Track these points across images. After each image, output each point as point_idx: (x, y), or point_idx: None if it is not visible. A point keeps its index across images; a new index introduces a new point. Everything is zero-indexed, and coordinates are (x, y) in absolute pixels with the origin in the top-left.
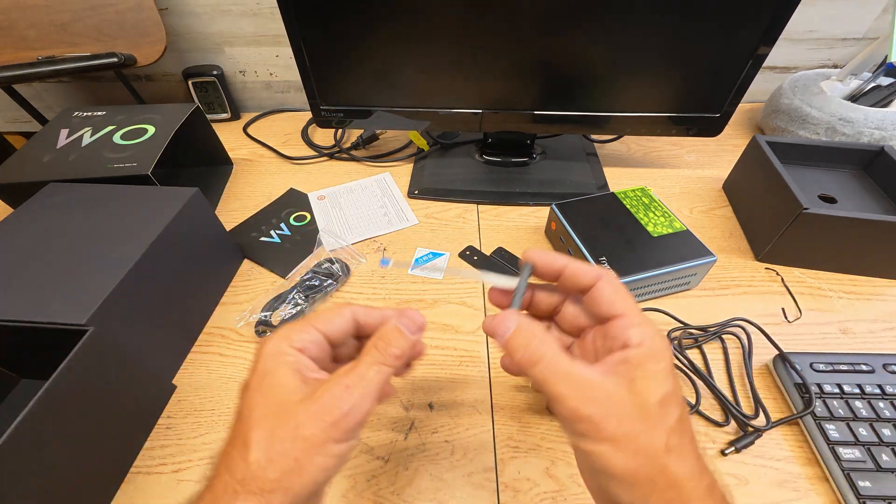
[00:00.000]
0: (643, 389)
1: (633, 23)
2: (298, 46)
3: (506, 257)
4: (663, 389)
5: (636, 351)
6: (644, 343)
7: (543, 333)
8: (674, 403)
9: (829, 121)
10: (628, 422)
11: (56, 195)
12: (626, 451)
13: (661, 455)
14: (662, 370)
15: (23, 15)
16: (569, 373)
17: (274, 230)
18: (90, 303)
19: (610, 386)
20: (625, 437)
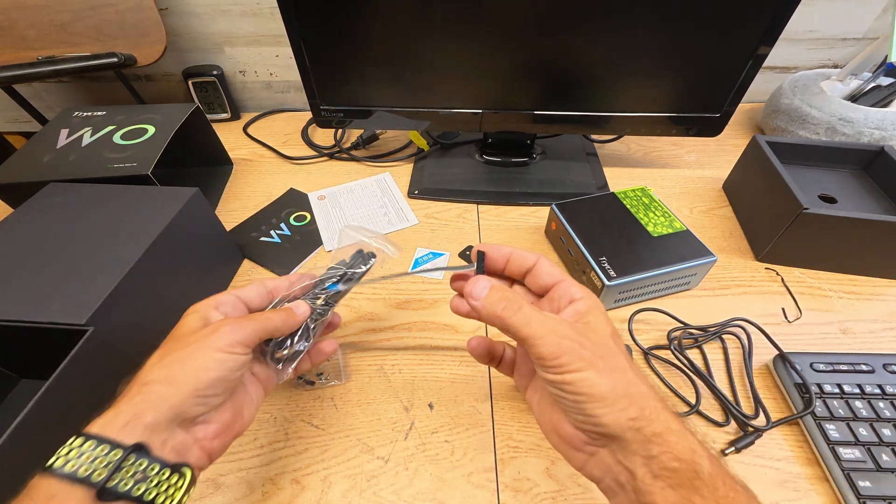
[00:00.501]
0: (597, 328)
1: (633, 23)
2: (298, 46)
3: None
4: (609, 328)
5: (582, 302)
6: (585, 296)
7: (511, 290)
8: (616, 340)
9: (829, 121)
10: (598, 350)
11: (56, 195)
12: (604, 373)
13: (626, 372)
14: (602, 314)
15: (23, 15)
16: (544, 317)
17: (274, 230)
18: (90, 303)
19: (576, 326)
20: (600, 361)
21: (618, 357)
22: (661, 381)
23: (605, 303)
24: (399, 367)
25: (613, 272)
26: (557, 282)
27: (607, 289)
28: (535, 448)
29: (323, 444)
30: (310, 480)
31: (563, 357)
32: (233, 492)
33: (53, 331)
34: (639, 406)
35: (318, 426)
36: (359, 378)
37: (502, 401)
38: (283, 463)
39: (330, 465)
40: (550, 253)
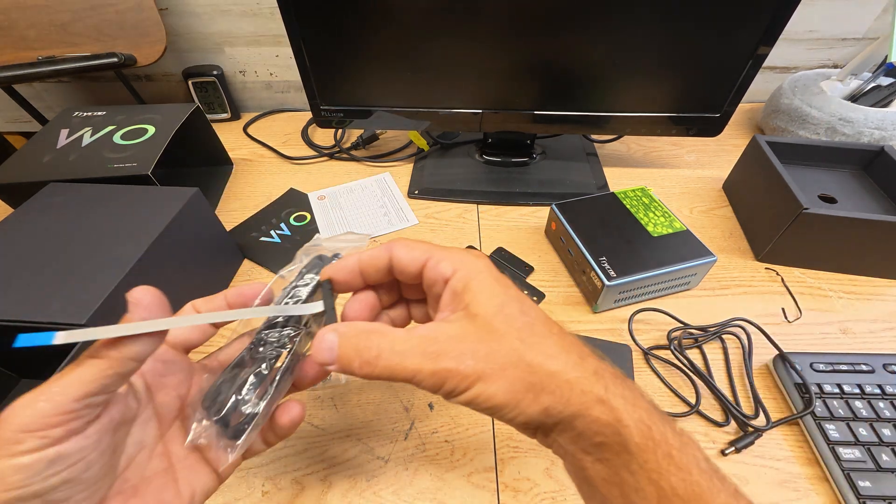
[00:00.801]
0: (478, 309)
1: (633, 22)
2: (298, 46)
3: (506, 257)
4: (496, 299)
5: (455, 278)
6: (457, 268)
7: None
8: (510, 303)
9: (829, 121)
10: (480, 349)
11: (56, 195)
12: (495, 378)
13: (522, 356)
14: (486, 280)
15: (23, 15)
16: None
17: (274, 230)
18: (90, 303)
19: (451, 329)
20: (487, 366)
21: (514, 337)
22: (662, 382)
23: (605, 303)
24: None
25: (613, 272)
26: (422, 265)
27: (607, 289)
28: (535, 448)
29: (323, 444)
30: (310, 480)
31: (447, 383)
32: (233, 492)
33: None
34: (547, 392)
35: (318, 426)
36: (359, 378)
37: None
38: (283, 463)
39: (330, 465)
40: (550, 253)
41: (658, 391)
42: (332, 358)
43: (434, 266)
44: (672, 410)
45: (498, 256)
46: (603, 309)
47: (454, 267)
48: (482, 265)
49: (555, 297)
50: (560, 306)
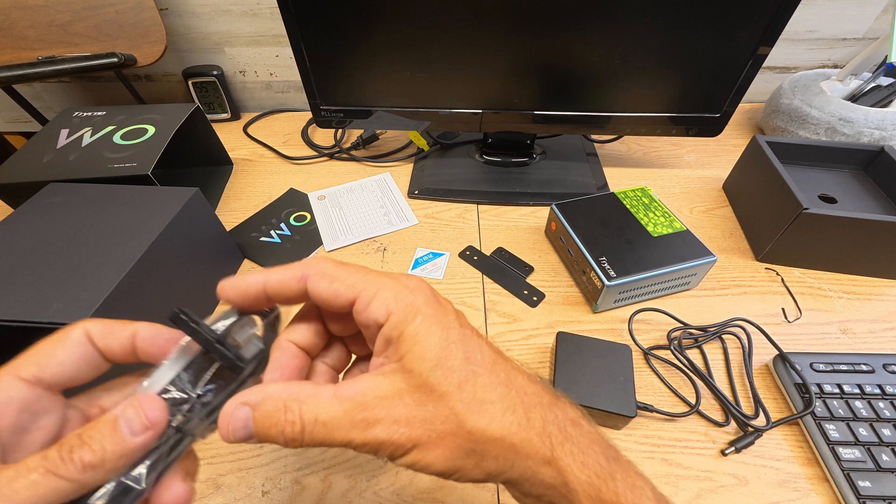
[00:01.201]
0: (414, 364)
1: (633, 23)
2: (298, 46)
3: (506, 257)
4: (435, 348)
5: (388, 326)
6: (391, 310)
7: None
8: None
9: (829, 121)
10: (414, 413)
11: (57, 195)
12: (432, 446)
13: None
14: (423, 325)
15: (23, 15)
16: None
17: (274, 230)
18: (90, 303)
19: (384, 387)
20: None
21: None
22: (662, 381)
23: (605, 303)
24: None
25: (613, 272)
26: (349, 303)
27: (607, 289)
28: None
29: None
30: (310, 480)
31: (381, 451)
32: (233, 492)
33: None
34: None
35: None
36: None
37: None
38: (283, 463)
39: (330, 465)
40: (550, 253)
41: (658, 391)
42: (247, 435)
43: (364, 308)
44: (672, 410)
45: (498, 257)
46: (603, 309)
47: (388, 309)
48: (420, 301)
49: (555, 298)
50: (560, 306)
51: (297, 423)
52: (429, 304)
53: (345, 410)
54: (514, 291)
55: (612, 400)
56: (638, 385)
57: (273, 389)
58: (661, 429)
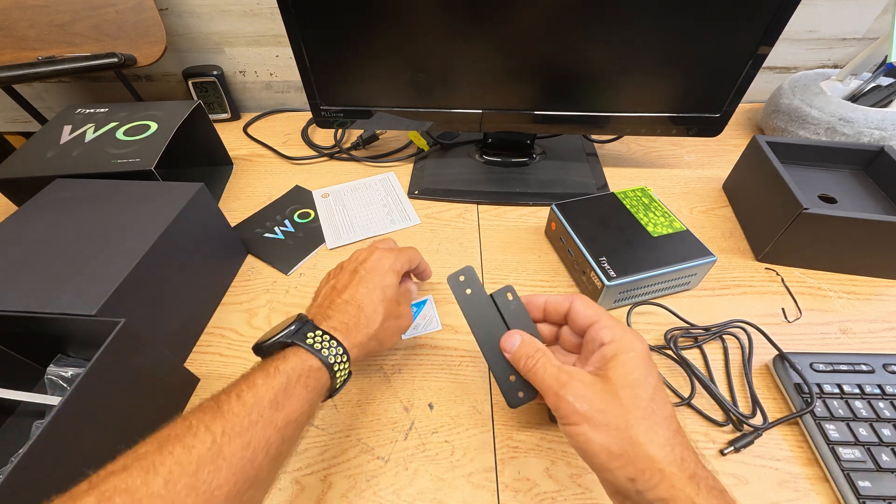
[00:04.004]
0: (614, 376)
1: (634, 22)
2: (298, 46)
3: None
4: (633, 376)
5: (609, 347)
6: (615, 339)
7: (540, 346)
8: (642, 386)
9: (829, 121)
10: (598, 403)
11: (64, 191)
12: (599, 428)
13: (629, 429)
14: (633, 359)
15: (23, 15)
16: (555, 371)
17: (278, 226)
18: (100, 295)
19: (585, 377)
20: (597, 416)
21: (628, 411)
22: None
23: (605, 303)
24: (399, 367)
25: (613, 272)
26: (591, 324)
27: (607, 289)
28: (535, 448)
29: (323, 444)
30: (310, 480)
31: (560, 408)
32: None
33: (88, 322)
34: (637, 468)
35: (318, 426)
36: (359, 378)
37: (502, 401)
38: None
39: (330, 465)
40: (550, 253)
41: None
42: (511, 349)
43: (598, 329)
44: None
45: (497, 299)
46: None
47: (612, 337)
48: (637, 347)
49: None
50: None
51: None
52: (643, 352)
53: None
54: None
55: None
56: None
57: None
58: None
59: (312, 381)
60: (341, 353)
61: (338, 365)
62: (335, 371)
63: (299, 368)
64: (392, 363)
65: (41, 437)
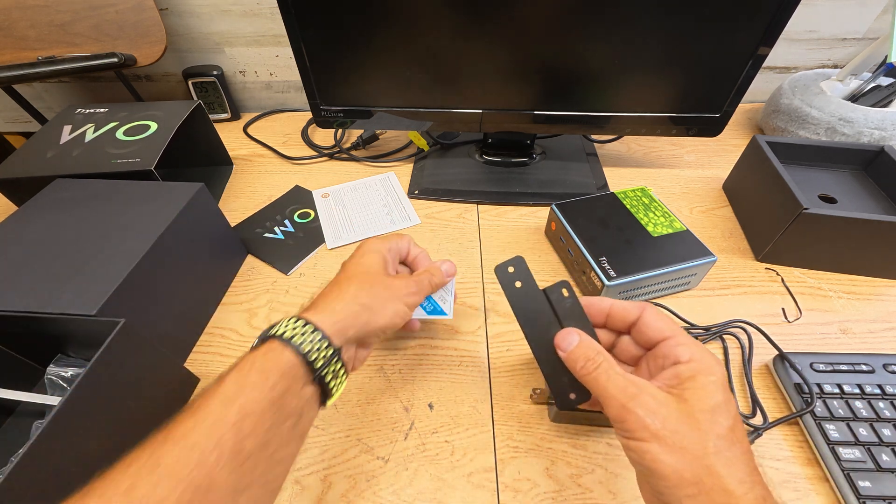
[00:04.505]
0: (691, 398)
1: (634, 22)
2: (298, 46)
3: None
4: (713, 400)
5: (686, 366)
6: (694, 359)
7: (601, 349)
8: (724, 414)
9: (829, 121)
10: (673, 423)
11: (64, 191)
12: (672, 450)
13: (707, 457)
14: (713, 383)
15: (23, 15)
16: (621, 380)
17: (278, 226)
18: (100, 295)
19: (658, 393)
20: (670, 436)
21: (707, 438)
22: None
23: None
24: (399, 367)
25: (613, 272)
26: (664, 338)
27: (607, 289)
28: (535, 448)
29: (323, 444)
30: (310, 480)
31: (627, 422)
32: None
33: (88, 322)
34: (712, 499)
35: (318, 426)
36: (359, 378)
37: (502, 401)
38: None
39: (330, 465)
40: (550, 253)
41: None
42: (567, 349)
43: (674, 346)
44: None
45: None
46: None
47: (691, 356)
48: (718, 371)
49: None
50: None
51: (594, 363)
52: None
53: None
54: None
55: None
56: None
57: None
58: None
59: (270, 364)
60: (311, 331)
61: (308, 344)
62: (305, 350)
63: (254, 356)
64: (392, 363)
65: (41, 437)
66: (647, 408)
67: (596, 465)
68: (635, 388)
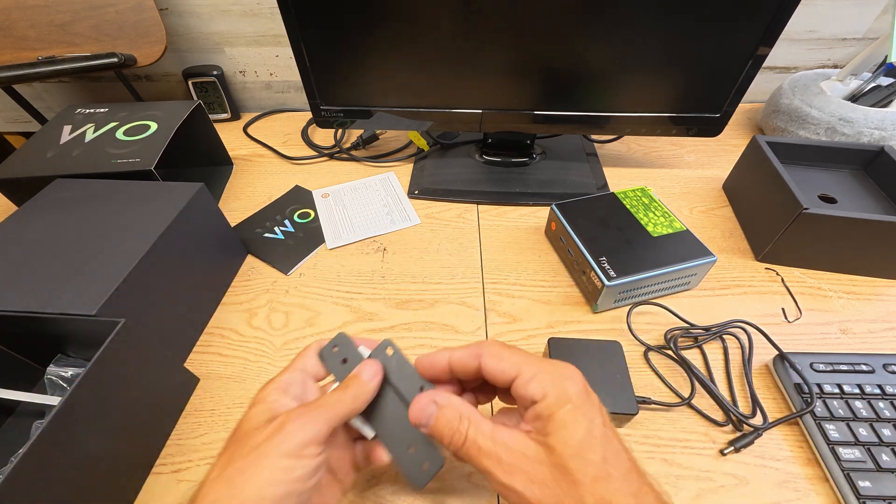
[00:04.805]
0: (557, 444)
1: (633, 22)
2: (298, 46)
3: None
4: (576, 437)
5: (542, 404)
6: (547, 393)
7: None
8: (590, 447)
9: (829, 121)
10: (550, 484)
11: (64, 191)
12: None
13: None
14: (570, 414)
15: (23, 15)
16: (491, 450)
17: (278, 226)
18: (99, 295)
19: (530, 450)
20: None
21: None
22: (660, 379)
23: (605, 303)
24: None
25: (613, 272)
26: (511, 380)
27: (607, 289)
28: None
29: None
30: None
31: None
32: None
33: (88, 322)
34: None
35: None
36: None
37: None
38: None
39: None
40: (550, 253)
41: (657, 390)
42: (426, 423)
43: (523, 384)
44: (669, 402)
45: None
46: (603, 309)
47: (543, 391)
48: (572, 391)
49: (555, 297)
50: (560, 306)
51: (463, 436)
52: (579, 396)
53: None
54: None
55: (613, 400)
56: (636, 384)
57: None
58: (661, 428)
59: None
60: None
61: None
62: None
63: None
64: None
65: (41, 437)
66: (525, 477)
67: None
68: (511, 457)
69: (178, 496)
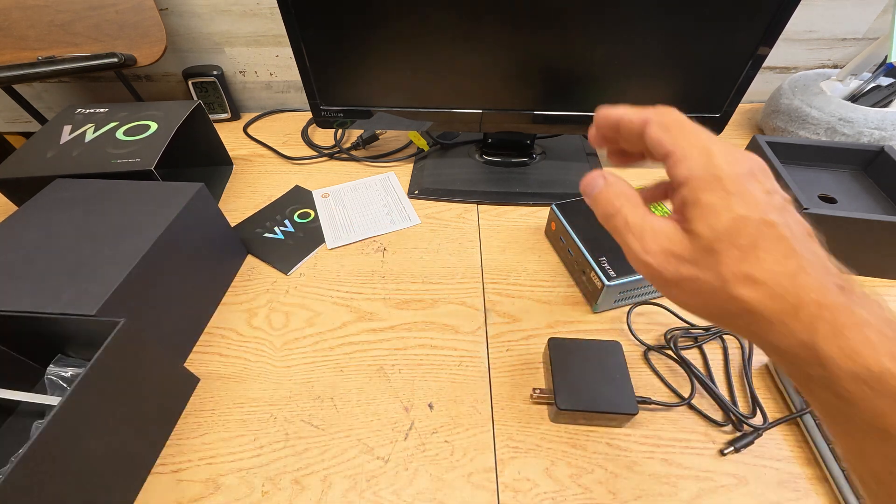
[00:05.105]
0: (700, 229)
1: (634, 22)
2: (298, 46)
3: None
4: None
5: (686, 189)
6: (691, 177)
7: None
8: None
9: (829, 121)
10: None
11: (64, 190)
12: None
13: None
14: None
15: (23, 15)
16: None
17: (278, 226)
18: (100, 295)
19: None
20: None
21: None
22: (660, 379)
23: (605, 303)
24: (399, 367)
25: (613, 272)
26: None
27: (607, 289)
28: (534, 448)
29: (323, 444)
30: (310, 480)
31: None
32: (233, 492)
33: (88, 322)
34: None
35: (318, 426)
36: (359, 378)
37: (502, 401)
38: (283, 463)
39: (330, 465)
40: (550, 253)
41: (657, 390)
42: (590, 193)
43: (673, 165)
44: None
45: None
46: (603, 309)
47: (687, 174)
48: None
49: (554, 297)
50: (560, 306)
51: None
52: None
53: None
54: None
55: (613, 400)
56: (636, 384)
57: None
58: (661, 428)
59: None
60: None
61: None
62: None
63: None
64: (392, 363)
65: (41, 437)
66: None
67: (596, 466)
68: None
69: (178, 496)
